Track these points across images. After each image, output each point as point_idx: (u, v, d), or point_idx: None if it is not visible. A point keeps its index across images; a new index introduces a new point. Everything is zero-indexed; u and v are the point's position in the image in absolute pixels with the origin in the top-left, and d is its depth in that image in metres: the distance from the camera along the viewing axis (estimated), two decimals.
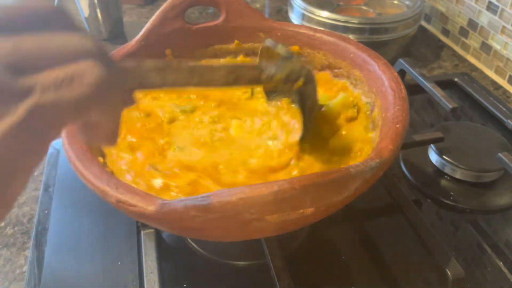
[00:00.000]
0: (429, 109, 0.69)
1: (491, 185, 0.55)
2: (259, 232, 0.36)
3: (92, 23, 0.85)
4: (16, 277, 0.46)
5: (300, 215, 0.32)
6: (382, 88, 0.44)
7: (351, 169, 0.31)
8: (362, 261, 0.47)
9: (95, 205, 0.52)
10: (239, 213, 0.29)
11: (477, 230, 0.50)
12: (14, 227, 0.51)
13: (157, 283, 0.41)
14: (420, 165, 0.58)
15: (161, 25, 0.52)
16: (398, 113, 0.40)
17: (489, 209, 0.53)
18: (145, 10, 1.01)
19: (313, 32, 0.54)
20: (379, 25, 0.73)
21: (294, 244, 0.48)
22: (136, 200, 0.32)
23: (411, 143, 0.55)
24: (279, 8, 1.01)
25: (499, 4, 0.73)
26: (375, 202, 0.53)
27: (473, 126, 0.62)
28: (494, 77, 0.77)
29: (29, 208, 0.53)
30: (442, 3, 0.87)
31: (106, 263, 0.46)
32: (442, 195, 0.54)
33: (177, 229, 0.35)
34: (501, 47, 0.75)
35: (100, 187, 0.34)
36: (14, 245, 0.49)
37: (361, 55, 0.49)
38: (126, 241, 0.48)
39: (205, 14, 0.99)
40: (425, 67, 0.80)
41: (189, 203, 0.30)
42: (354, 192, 0.33)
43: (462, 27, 0.83)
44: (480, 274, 0.46)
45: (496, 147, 0.57)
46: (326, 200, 0.31)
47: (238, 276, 0.46)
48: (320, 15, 0.75)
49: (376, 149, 0.36)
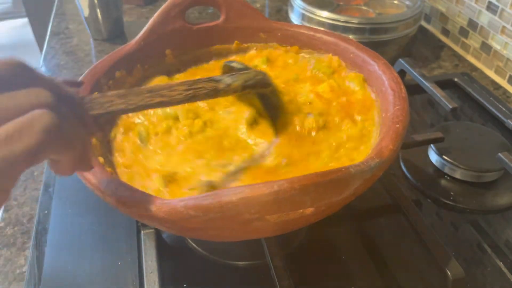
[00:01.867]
0: (429, 109, 0.69)
1: (491, 185, 0.55)
2: (259, 232, 0.36)
3: (92, 23, 0.86)
4: (16, 277, 0.46)
5: (300, 215, 0.32)
6: (382, 88, 0.44)
7: (351, 169, 0.31)
8: (362, 261, 0.47)
9: (95, 205, 0.52)
10: (239, 213, 0.29)
11: (477, 230, 0.50)
12: (14, 227, 0.51)
13: (157, 283, 0.41)
14: (420, 165, 0.58)
15: (161, 25, 0.52)
16: (398, 113, 0.40)
17: (489, 209, 0.53)
18: (145, 10, 1.01)
19: (313, 32, 0.54)
20: (379, 25, 0.73)
21: (294, 244, 0.48)
22: (135, 200, 0.32)
23: (411, 143, 0.55)
24: (279, 8, 1.01)
25: (499, 4, 0.73)
26: (375, 202, 0.53)
27: (473, 126, 0.62)
28: (494, 77, 0.77)
29: (29, 208, 0.53)
30: (442, 3, 0.87)
31: (106, 263, 0.46)
32: (442, 195, 0.54)
33: (177, 229, 0.35)
34: (501, 47, 0.75)
35: (100, 188, 0.34)
36: (14, 245, 0.49)
37: (361, 55, 0.49)
38: (126, 241, 0.48)
39: (205, 14, 0.99)
40: (425, 67, 0.80)
41: (189, 203, 0.30)
42: (354, 192, 0.33)
43: (462, 27, 0.83)
44: (480, 274, 0.46)
45: (496, 147, 0.57)
46: (326, 200, 0.31)
47: (238, 276, 0.46)
48: (320, 15, 0.75)
49: (376, 149, 0.36)
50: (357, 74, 0.50)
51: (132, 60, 0.50)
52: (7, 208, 0.53)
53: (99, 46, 0.87)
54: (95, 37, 0.88)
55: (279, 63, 0.54)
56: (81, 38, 0.89)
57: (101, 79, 0.46)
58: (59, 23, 0.95)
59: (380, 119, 0.43)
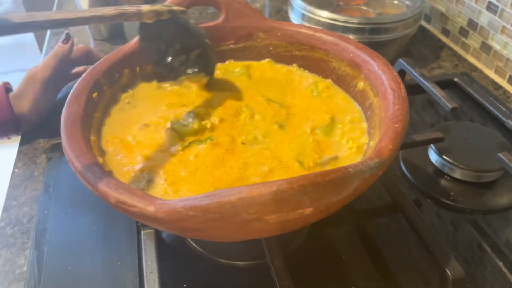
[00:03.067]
0: (429, 109, 0.69)
1: (491, 185, 0.55)
2: (258, 232, 0.35)
3: None
4: (16, 277, 0.46)
5: (299, 215, 0.32)
6: (381, 87, 0.44)
7: (350, 169, 0.31)
8: (362, 261, 0.47)
9: (95, 205, 0.52)
10: (238, 213, 0.29)
11: (477, 230, 0.50)
12: (14, 227, 0.51)
13: (157, 283, 0.41)
14: (420, 165, 0.58)
15: None
16: (397, 113, 0.40)
17: (489, 209, 0.53)
18: None
19: (313, 32, 0.54)
20: (379, 25, 0.73)
21: (294, 244, 0.48)
22: (135, 201, 0.32)
23: (411, 143, 0.55)
24: (279, 8, 1.01)
25: (499, 4, 0.73)
26: (375, 202, 0.53)
27: (473, 126, 0.62)
28: (494, 77, 0.77)
29: (29, 208, 0.53)
30: (442, 3, 0.87)
31: (106, 263, 0.46)
32: (442, 195, 0.54)
33: (176, 229, 0.35)
34: (501, 47, 0.75)
35: (100, 188, 0.34)
36: (14, 245, 0.49)
37: (360, 54, 0.49)
38: (126, 241, 0.48)
39: (205, 14, 0.99)
40: (425, 67, 0.80)
41: (188, 203, 0.30)
42: (354, 192, 0.33)
43: (462, 27, 0.83)
44: (480, 274, 0.46)
45: (496, 147, 0.57)
46: (325, 200, 0.31)
47: (238, 276, 0.46)
48: (320, 15, 0.75)
49: (375, 149, 0.36)
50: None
51: (132, 60, 0.50)
52: (7, 208, 0.53)
53: (99, 46, 0.87)
54: (95, 37, 0.88)
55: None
56: (81, 38, 0.89)
57: (100, 79, 0.46)
58: None
59: (379, 118, 0.43)
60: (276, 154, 0.44)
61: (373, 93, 0.47)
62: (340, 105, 0.51)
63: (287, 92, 0.52)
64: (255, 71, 0.56)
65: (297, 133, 0.47)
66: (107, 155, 0.43)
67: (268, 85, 0.54)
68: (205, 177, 0.41)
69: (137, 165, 0.42)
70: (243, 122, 0.48)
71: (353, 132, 0.46)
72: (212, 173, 0.41)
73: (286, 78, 0.55)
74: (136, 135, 0.45)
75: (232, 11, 0.54)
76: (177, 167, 0.42)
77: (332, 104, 0.51)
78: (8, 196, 0.55)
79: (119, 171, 0.41)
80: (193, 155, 0.43)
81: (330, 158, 0.43)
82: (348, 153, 0.44)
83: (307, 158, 0.43)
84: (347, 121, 0.48)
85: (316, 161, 0.43)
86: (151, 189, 0.40)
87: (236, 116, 0.48)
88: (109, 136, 0.45)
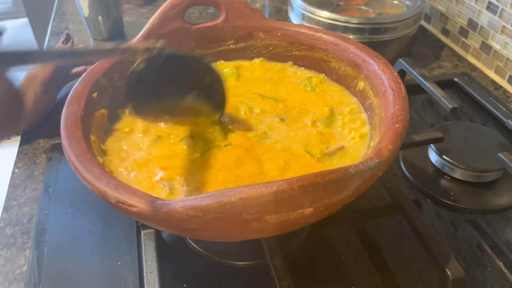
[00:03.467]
0: (429, 109, 0.69)
1: (491, 185, 0.55)
2: (258, 232, 0.35)
3: (92, 23, 0.86)
4: (16, 277, 0.46)
5: (299, 215, 0.32)
6: (381, 87, 0.44)
7: (350, 169, 0.31)
8: (362, 261, 0.47)
9: (95, 205, 0.52)
10: (238, 213, 0.29)
11: (477, 230, 0.50)
12: (14, 227, 0.51)
13: (157, 283, 0.41)
14: (420, 165, 0.58)
15: (161, 25, 0.52)
16: (397, 113, 0.40)
17: (489, 209, 0.53)
18: (145, 10, 1.01)
19: (313, 32, 0.54)
20: (379, 25, 0.73)
21: (294, 244, 0.48)
22: (135, 201, 0.32)
23: (411, 143, 0.55)
24: (279, 8, 1.01)
25: (499, 4, 0.73)
26: (375, 202, 0.53)
27: (473, 126, 0.62)
28: (494, 77, 0.77)
29: (29, 208, 0.53)
30: (442, 3, 0.87)
31: (106, 263, 0.46)
32: (442, 195, 0.54)
33: (176, 229, 0.35)
34: (501, 47, 0.75)
35: (100, 188, 0.34)
36: (14, 245, 0.49)
37: (360, 54, 0.49)
38: (126, 241, 0.48)
39: (205, 14, 0.99)
40: (425, 67, 0.80)
41: (188, 203, 0.30)
42: (354, 192, 0.33)
43: (462, 27, 0.83)
44: (480, 274, 0.46)
45: (496, 147, 0.57)
46: (325, 200, 0.31)
47: (238, 276, 0.46)
48: (320, 15, 0.75)
49: (375, 149, 0.36)
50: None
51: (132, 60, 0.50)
52: (7, 208, 0.53)
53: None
54: (95, 37, 0.88)
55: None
56: (81, 38, 0.89)
57: (100, 79, 0.46)
58: (59, 23, 0.95)
59: (379, 118, 0.43)
60: (286, 148, 0.45)
61: (373, 93, 0.47)
62: (335, 97, 0.52)
63: (279, 88, 0.53)
64: (245, 71, 0.56)
65: (299, 126, 0.48)
66: (107, 156, 0.43)
67: (259, 84, 0.54)
68: (227, 177, 0.41)
69: (155, 177, 0.42)
70: (245, 117, 0.48)
71: (354, 123, 0.48)
72: (234, 172, 0.42)
73: (278, 75, 0.56)
74: (150, 148, 0.45)
75: (232, 11, 0.54)
76: (198, 172, 0.42)
77: (328, 97, 0.52)
78: (8, 196, 0.55)
79: (138, 186, 0.40)
80: (214, 158, 0.44)
81: (337, 148, 0.44)
82: (352, 143, 0.45)
83: (315, 149, 0.44)
84: (346, 112, 0.49)
85: (324, 151, 0.44)
86: (174, 197, 0.40)
87: (237, 111, 0.49)
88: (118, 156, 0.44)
